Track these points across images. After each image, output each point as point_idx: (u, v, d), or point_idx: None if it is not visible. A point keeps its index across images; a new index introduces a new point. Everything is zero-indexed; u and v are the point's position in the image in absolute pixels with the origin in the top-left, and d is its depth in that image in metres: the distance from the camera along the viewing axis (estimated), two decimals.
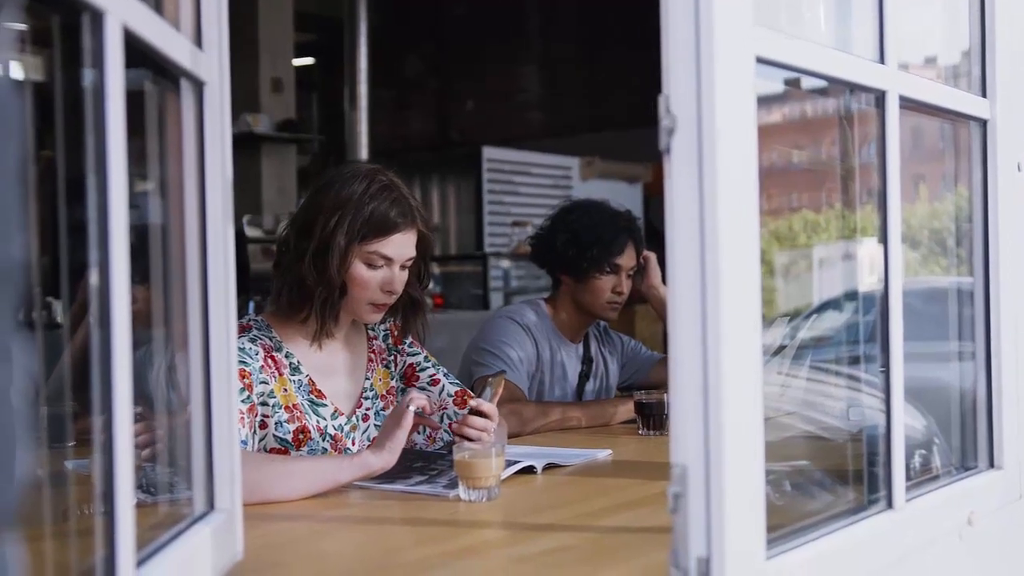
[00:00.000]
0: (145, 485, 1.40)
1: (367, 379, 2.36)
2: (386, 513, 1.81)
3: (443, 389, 2.40)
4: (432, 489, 1.93)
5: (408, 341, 2.46)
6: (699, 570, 1.18)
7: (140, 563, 1.09)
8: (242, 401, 2.04)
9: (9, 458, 0.55)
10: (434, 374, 2.44)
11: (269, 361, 2.19)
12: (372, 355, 2.39)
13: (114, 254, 1.00)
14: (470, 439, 2.10)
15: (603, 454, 2.35)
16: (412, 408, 1.99)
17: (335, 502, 1.91)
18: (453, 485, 1.90)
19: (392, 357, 2.43)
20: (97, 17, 0.98)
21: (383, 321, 2.40)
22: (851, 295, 2.13)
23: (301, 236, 2.20)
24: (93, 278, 1.01)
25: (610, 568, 1.48)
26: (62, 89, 1.07)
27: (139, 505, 1.06)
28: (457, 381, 2.45)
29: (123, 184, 1.01)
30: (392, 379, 2.41)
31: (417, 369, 2.43)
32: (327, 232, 2.16)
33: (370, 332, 2.42)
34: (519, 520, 1.80)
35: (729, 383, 1.17)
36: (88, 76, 1.00)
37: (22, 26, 0.94)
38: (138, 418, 1.08)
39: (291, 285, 2.21)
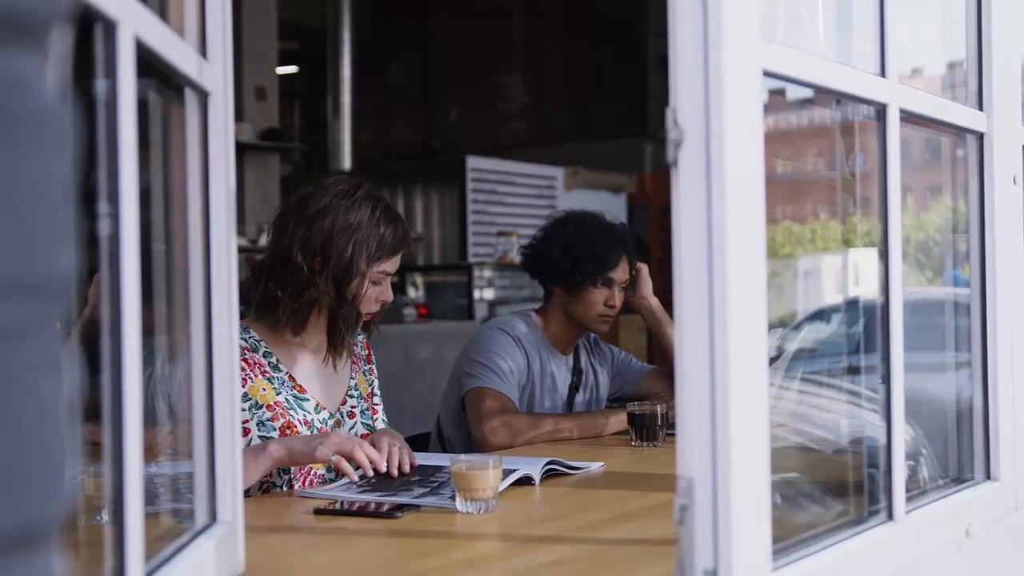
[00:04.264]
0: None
1: (352, 379, 2.45)
2: (386, 525, 1.81)
3: (354, 426, 2.45)
4: (439, 501, 1.93)
5: (372, 364, 2.54)
6: None
7: None
8: None
9: (59, 470, 0.55)
10: (378, 404, 2.52)
11: (242, 363, 2.21)
12: (355, 359, 2.48)
13: (125, 262, 0.99)
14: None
15: (596, 466, 2.35)
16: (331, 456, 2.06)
17: (335, 515, 1.90)
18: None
19: (369, 367, 2.52)
20: (110, 27, 0.97)
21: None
22: (839, 307, 2.13)
23: (310, 259, 2.25)
24: (102, 287, 1.00)
25: None
26: (71, 98, 1.06)
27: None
28: (385, 419, 2.52)
29: (134, 193, 1.01)
30: (368, 386, 2.50)
31: (373, 389, 2.52)
32: (346, 259, 2.24)
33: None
34: (518, 532, 1.79)
35: (736, 395, 1.17)
36: (100, 85, 0.99)
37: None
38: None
39: (304, 306, 2.27)
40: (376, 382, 2.53)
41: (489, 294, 7.50)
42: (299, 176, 9.32)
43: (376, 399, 2.51)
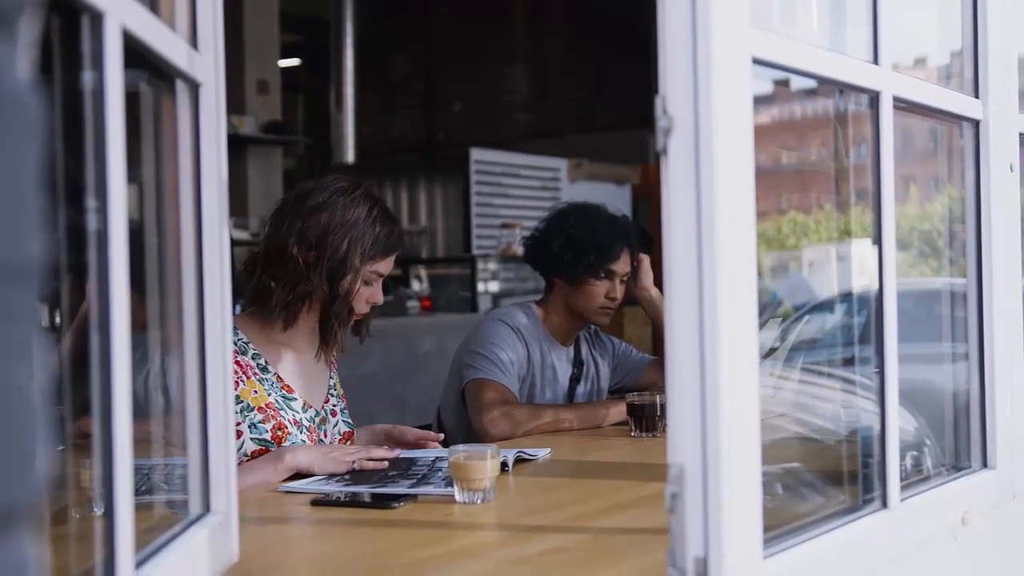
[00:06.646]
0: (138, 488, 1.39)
1: (331, 378, 2.48)
2: (381, 515, 1.81)
3: (336, 424, 2.46)
4: (437, 489, 1.93)
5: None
6: (696, 570, 1.17)
7: (138, 565, 1.09)
8: None
9: (29, 456, 0.55)
10: (344, 407, 2.52)
11: (234, 366, 2.21)
12: (334, 360, 2.50)
13: (113, 256, 0.99)
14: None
15: (544, 453, 2.36)
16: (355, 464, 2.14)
17: (331, 505, 1.91)
18: (451, 483, 1.90)
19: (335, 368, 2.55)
20: (97, 18, 0.97)
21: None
22: (841, 297, 2.13)
23: (305, 252, 2.26)
24: (91, 281, 1.00)
25: (607, 569, 1.48)
26: (59, 90, 1.06)
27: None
28: (350, 421, 2.53)
29: (122, 186, 1.01)
30: (340, 387, 2.53)
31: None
32: (340, 254, 2.26)
33: None
34: (514, 522, 1.80)
35: (727, 383, 1.17)
36: (87, 77, 0.99)
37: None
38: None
39: (297, 299, 2.28)
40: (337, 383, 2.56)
41: (493, 286, 7.50)
42: (302, 169, 9.33)
43: (340, 402, 2.54)
